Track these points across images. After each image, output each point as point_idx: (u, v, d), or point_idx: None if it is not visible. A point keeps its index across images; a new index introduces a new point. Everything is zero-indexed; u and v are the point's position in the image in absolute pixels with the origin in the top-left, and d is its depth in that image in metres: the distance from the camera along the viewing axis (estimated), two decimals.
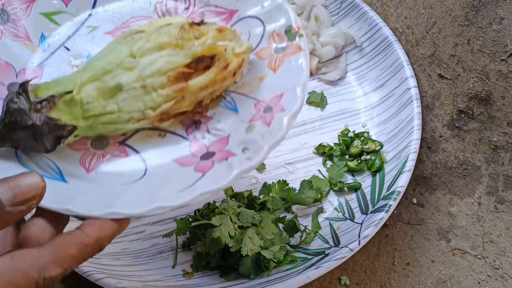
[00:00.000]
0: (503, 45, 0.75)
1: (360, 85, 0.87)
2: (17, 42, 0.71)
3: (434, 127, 0.81)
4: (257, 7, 0.67)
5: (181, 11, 0.71)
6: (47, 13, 0.72)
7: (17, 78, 0.69)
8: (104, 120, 0.60)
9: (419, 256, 0.74)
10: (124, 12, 0.73)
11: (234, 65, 0.62)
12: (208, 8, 0.70)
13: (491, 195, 0.77)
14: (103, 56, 0.63)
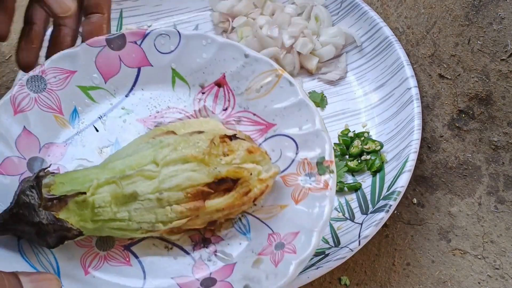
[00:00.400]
0: (504, 45, 0.75)
1: (360, 85, 0.87)
2: (48, 114, 0.69)
3: (434, 127, 0.81)
4: (295, 128, 0.64)
5: (218, 111, 0.69)
6: (85, 86, 0.71)
7: (39, 153, 0.68)
8: (112, 225, 0.59)
9: (419, 256, 0.74)
10: (162, 100, 0.71)
11: (256, 192, 0.60)
12: (246, 114, 0.68)
13: (492, 195, 0.77)
14: (127, 156, 0.61)
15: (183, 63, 0.71)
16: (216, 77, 0.69)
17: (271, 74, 0.67)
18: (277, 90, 0.66)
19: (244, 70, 0.68)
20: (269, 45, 0.88)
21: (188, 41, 0.70)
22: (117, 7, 0.93)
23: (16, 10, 0.86)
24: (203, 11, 0.96)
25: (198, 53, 0.70)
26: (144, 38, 0.70)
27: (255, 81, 0.67)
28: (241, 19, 0.92)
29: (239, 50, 0.68)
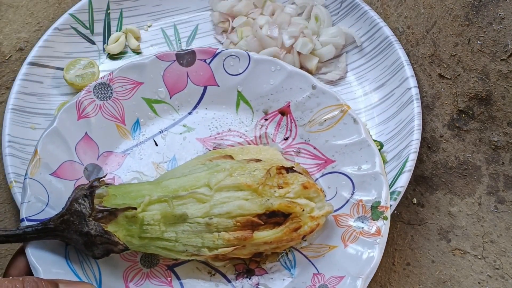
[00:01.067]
0: (504, 45, 0.75)
1: (360, 85, 0.87)
2: (110, 122, 0.70)
3: (434, 127, 0.81)
4: (353, 167, 0.64)
5: (279, 140, 0.69)
6: (150, 99, 0.72)
7: (97, 160, 0.69)
8: (158, 244, 0.59)
9: (419, 256, 0.74)
10: (224, 122, 0.71)
11: (306, 229, 0.59)
12: (306, 147, 0.68)
13: (492, 195, 0.77)
14: (182, 175, 0.61)
15: (249, 87, 0.71)
16: (281, 105, 0.70)
17: (337, 109, 0.67)
18: (340, 126, 0.66)
19: (310, 102, 0.68)
20: (269, 45, 0.88)
21: (257, 65, 0.70)
22: (117, 7, 0.94)
23: (16, 9, 0.86)
24: (203, 11, 0.96)
25: (266, 78, 0.70)
26: (214, 57, 0.71)
27: (319, 114, 0.68)
28: (241, 19, 0.92)
29: (307, 80, 0.69)
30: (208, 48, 0.71)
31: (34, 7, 0.94)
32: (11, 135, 0.80)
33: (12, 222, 0.78)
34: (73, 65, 0.87)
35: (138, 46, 0.93)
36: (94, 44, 0.92)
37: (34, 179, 0.63)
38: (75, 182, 0.66)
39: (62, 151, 0.67)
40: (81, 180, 0.67)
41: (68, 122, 0.68)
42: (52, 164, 0.65)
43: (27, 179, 0.63)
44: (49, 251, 0.60)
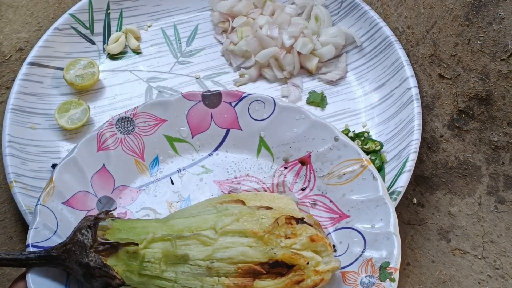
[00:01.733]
0: (503, 45, 0.75)
1: (360, 85, 0.87)
2: (129, 157, 0.71)
3: (434, 127, 0.81)
4: (368, 224, 0.64)
5: (296, 189, 0.69)
6: (171, 137, 0.72)
7: (112, 193, 0.69)
8: (157, 283, 0.59)
9: (419, 256, 0.74)
10: (243, 166, 0.71)
11: (309, 283, 0.58)
12: (323, 199, 0.67)
13: (492, 195, 0.77)
14: (190, 216, 0.61)
15: (272, 133, 0.71)
16: (302, 154, 0.69)
17: (357, 163, 0.66)
18: (359, 181, 0.66)
19: (331, 153, 0.68)
20: (269, 45, 0.88)
21: (282, 112, 0.70)
22: (117, 7, 0.94)
23: (16, 9, 0.86)
24: (203, 11, 0.96)
25: (289, 126, 0.70)
26: (239, 101, 0.71)
27: (339, 167, 0.67)
28: (241, 19, 0.92)
29: (330, 131, 0.68)
30: (234, 91, 0.71)
31: (34, 7, 0.94)
32: (11, 135, 0.80)
33: (12, 222, 0.78)
34: (73, 65, 0.87)
35: (138, 46, 0.93)
36: (94, 44, 0.92)
37: (45, 206, 0.64)
38: (86, 213, 0.66)
39: (77, 181, 0.67)
40: (93, 211, 0.67)
41: (87, 152, 0.68)
42: (66, 192, 0.66)
43: (39, 205, 0.64)
44: (50, 279, 0.60)
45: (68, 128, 0.82)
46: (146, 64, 0.91)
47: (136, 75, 0.90)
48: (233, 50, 0.90)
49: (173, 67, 0.91)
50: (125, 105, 0.87)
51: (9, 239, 0.77)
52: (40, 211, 0.63)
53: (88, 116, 0.83)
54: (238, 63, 0.90)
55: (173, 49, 0.93)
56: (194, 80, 0.89)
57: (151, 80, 0.89)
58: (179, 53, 0.92)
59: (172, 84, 0.89)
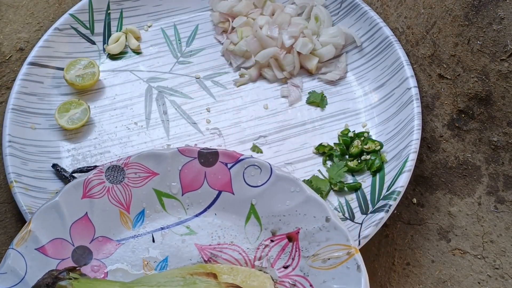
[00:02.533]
0: (503, 45, 0.75)
1: (360, 85, 0.87)
2: (114, 208, 0.68)
3: (434, 127, 0.81)
4: None
5: (278, 266, 0.65)
6: (161, 192, 0.69)
7: (90, 244, 0.66)
8: None
9: (419, 256, 0.74)
10: (228, 234, 0.67)
11: None
12: (303, 282, 0.63)
13: (491, 195, 0.77)
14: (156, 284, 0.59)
15: (264, 202, 0.67)
16: (290, 230, 0.66)
17: (344, 249, 0.63)
18: (342, 270, 0.62)
19: (320, 234, 0.64)
20: (269, 45, 0.88)
21: (277, 182, 0.67)
22: (117, 7, 0.94)
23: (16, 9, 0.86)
24: (203, 11, 0.96)
25: (283, 198, 0.67)
26: (236, 163, 0.68)
27: (325, 250, 0.64)
28: (241, 19, 0.92)
29: (323, 210, 0.65)
30: (232, 152, 0.68)
31: (34, 7, 0.94)
32: (12, 135, 0.80)
33: (12, 222, 0.78)
34: (73, 65, 0.87)
35: (138, 46, 0.93)
36: (94, 44, 0.92)
37: (17, 251, 0.62)
38: (59, 262, 0.64)
39: (56, 227, 0.65)
40: (67, 261, 0.65)
41: (71, 198, 0.66)
42: (42, 238, 0.64)
43: (11, 249, 0.62)
44: None
45: (68, 128, 0.82)
46: (146, 64, 0.91)
47: (136, 75, 0.90)
48: (233, 50, 0.90)
49: (173, 67, 0.91)
50: (125, 105, 0.87)
51: (10, 239, 0.77)
52: (10, 256, 0.62)
53: (88, 116, 0.83)
54: (238, 63, 0.90)
55: (173, 49, 0.93)
56: (194, 80, 0.90)
57: (151, 80, 0.90)
58: (179, 53, 0.92)
59: (172, 84, 0.89)
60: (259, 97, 0.88)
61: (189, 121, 0.85)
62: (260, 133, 0.84)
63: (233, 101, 0.88)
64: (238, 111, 0.86)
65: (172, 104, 0.87)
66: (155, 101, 0.88)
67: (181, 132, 0.84)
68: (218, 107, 0.87)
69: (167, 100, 0.88)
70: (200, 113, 0.86)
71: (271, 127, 0.85)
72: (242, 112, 0.86)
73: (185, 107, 0.87)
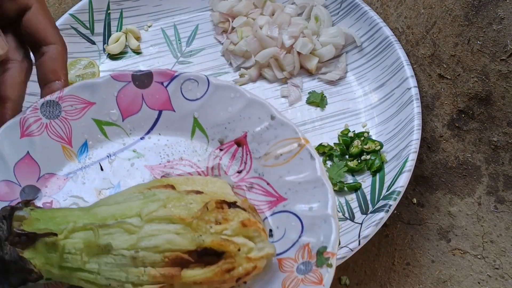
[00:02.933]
0: (503, 45, 0.75)
1: (360, 85, 0.87)
2: (56, 143, 0.66)
3: (434, 127, 0.81)
4: (305, 206, 0.59)
5: (232, 172, 0.64)
6: (100, 121, 0.67)
7: (37, 182, 0.65)
8: (80, 276, 0.54)
9: (419, 256, 0.74)
10: (176, 150, 0.66)
11: (241, 271, 0.54)
12: (260, 182, 0.62)
13: (491, 195, 0.77)
14: (115, 203, 0.57)
15: (206, 113, 0.66)
16: (238, 135, 0.65)
17: (294, 142, 0.62)
18: (296, 161, 0.61)
19: (267, 133, 0.63)
20: (269, 45, 0.88)
21: (216, 91, 0.66)
22: (117, 7, 0.94)
23: None
24: (203, 11, 0.96)
25: (224, 105, 0.65)
26: (171, 80, 0.66)
27: (276, 147, 0.62)
28: (241, 19, 0.92)
29: (266, 110, 0.64)
30: (166, 70, 0.66)
31: None
32: None
33: None
34: (73, 65, 0.87)
35: (138, 46, 0.93)
36: (94, 44, 0.92)
37: None
38: (9, 203, 0.62)
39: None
40: (16, 201, 0.62)
41: (9, 139, 0.64)
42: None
43: None
44: None
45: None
46: (146, 64, 0.91)
47: None
48: (233, 50, 0.90)
49: (173, 67, 0.91)
50: None
51: None
52: None
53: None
54: (238, 63, 0.90)
55: (173, 49, 0.93)
56: None
57: None
58: (179, 53, 0.93)
59: None
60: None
61: None
62: None
63: None
64: None
65: None
66: None
67: None
68: None
69: None
70: None
71: None
72: None
73: None
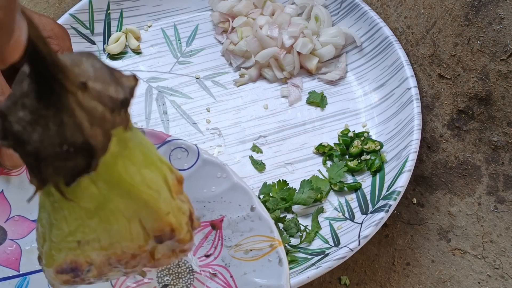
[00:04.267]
0: (503, 45, 0.75)
1: (360, 85, 0.87)
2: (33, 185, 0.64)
3: (434, 127, 0.81)
4: None
5: (200, 254, 0.61)
6: None
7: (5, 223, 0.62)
8: None
9: (419, 256, 0.74)
10: None
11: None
12: (224, 272, 0.60)
13: (491, 195, 0.77)
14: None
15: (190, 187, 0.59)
16: (215, 217, 0.62)
17: (267, 241, 0.59)
18: (264, 262, 0.58)
19: (243, 224, 0.61)
20: (269, 45, 0.88)
21: (204, 166, 0.63)
22: (117, 7, 0.94)
23: None
24: (203, 11, 0.96)
25: (208, 183, 0.63)
26: (162, 145, 0.63)
27: (248, 241, 0.60)
28: (241, 19, 0.92)
29: (248, 199, 0.61)
30: (160, 133, 0.64)
31: (34, 7, 0.94)
32: None
33: None
34: None
35: (138, 46, 0.93)
36: (94, 44, 0.92)
37: None
38: None
39: None
40: None
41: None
42: None
43: None
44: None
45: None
46: (146, 64, 0.91)
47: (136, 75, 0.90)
48: (233, 50, 0.90)
49: (173, 67, 0.91)
50: None
51: None
52: None
53: None
54: (238, 63, 0.90)
55: (173, 49, 0.93)
56: (194, 80, 0.90)
57: (151, 80, 0.90)
58: (179, 53, 0.93)
59: (172, 84, 0.89)
60: (259, 97, 0.88)
61: (189, 121, 0.86)
62: (260, 133, 0.84)
63: (233, 101, 0.88)
64: (238, 111, 0.86)
65: (172, 104, 0.87)
66: (155, 101, 0.88)
67: (181, 132, 0.84)
68: (218, 107, 0.87)
69: (167, 100, 0.88)
70: (200, 113, 0.86)
71: (271, 127, 0.85)
72: (242, 112, 0.86)
73: (185, 107, 0.87)
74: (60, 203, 0.39)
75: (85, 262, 0.41)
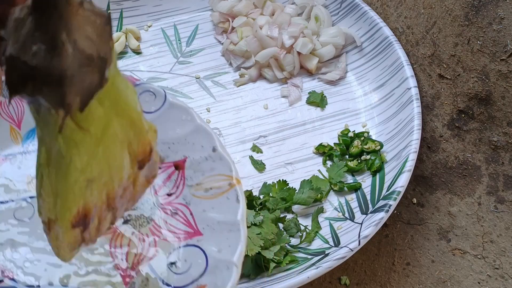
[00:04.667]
0: (503, 45, 0.75)
1: (360, 85, 0.87)
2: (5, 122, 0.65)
3: (434, 127, 0.81)
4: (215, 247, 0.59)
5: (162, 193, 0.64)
6: None
7: None
8: None
9: (419, 256, 0.74)
10: None
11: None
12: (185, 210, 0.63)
13: (491, 195, 0.77)
14: None
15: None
16: (178, 158, 0.64)
17: (226, 180, 0.61)
18: (222, 200, 0.60)
19: (205, 164, 0.63)
20: (269, 45, 0.88)
21: (170, 109, 0.65)
22: (117, 7, 0.94)
23: None
24: (203, 11, 0.96)
25: (174, 125, 0.65)
26: None
27: (209, 180, 0.62)
28: (241, 19, 0.92)
29: (210, 140, 0.63)
30: (129, 77, 0.65)
31: None
32: None
33: None
34: None
35: (138, 46, 0.93)
36: None
37: None
38: None
39: None
40: None
41: None
42: None
43: None
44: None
45: None
46: (146, 64, 0.91)
47: (136, 75, 0.90)
48: (233, 50, 0.90)
49: (173, 67, 0.91)
50: None
51: None
52: None
53: None
54: (238, 63, 0.90)
55: (173, 49, 0.93)
56: (194, 80, 0.90)
57: (151, 80, 0.90)
58: (179, 53, 0.93)
59: (172, 84, 0.89)
60: (259, 97, 0.88)
61: None
62: (260, 133, 0.84)
63: (233, 101, 0.88)
64: (238, 111, 0.86)
65: None
66: None
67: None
68: (218, 107, 0.87)
69: None
70: (200, 113, 0.86)
71: (271, 127, 0.85)
72: (242, 112, 0.86)
73: None
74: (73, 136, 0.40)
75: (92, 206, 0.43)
